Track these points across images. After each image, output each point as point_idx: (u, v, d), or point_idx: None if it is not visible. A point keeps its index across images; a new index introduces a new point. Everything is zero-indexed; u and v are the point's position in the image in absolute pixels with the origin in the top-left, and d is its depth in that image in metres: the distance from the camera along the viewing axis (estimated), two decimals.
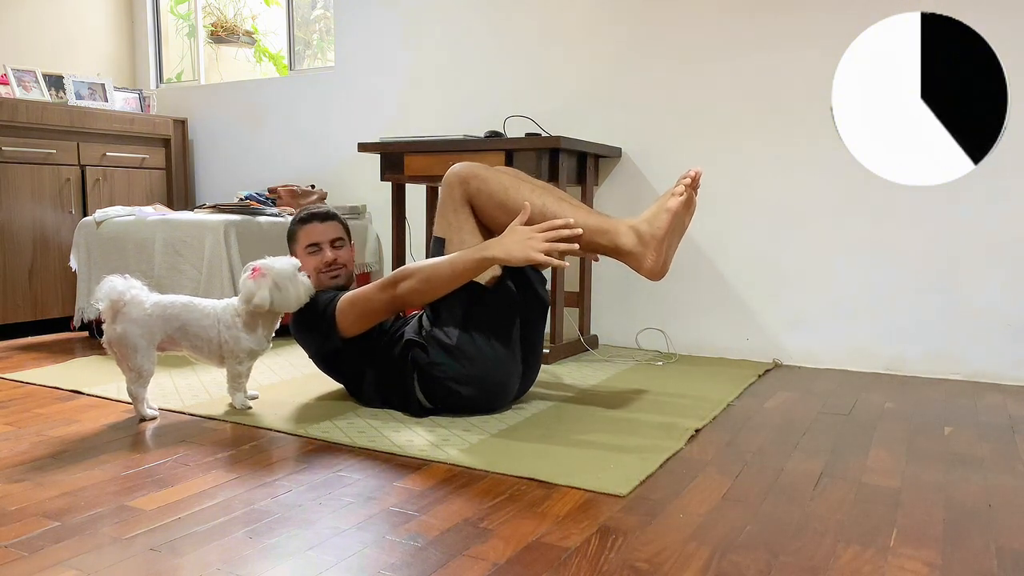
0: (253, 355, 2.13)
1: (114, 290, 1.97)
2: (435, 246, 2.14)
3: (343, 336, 2.11)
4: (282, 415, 2.09)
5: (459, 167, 2.14)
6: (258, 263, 2.09)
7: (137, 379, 2.01)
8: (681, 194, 1.96)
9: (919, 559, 1.27)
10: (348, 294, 2.11)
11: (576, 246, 1.96)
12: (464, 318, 2.04)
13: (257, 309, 2.07)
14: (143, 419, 2.05)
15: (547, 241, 1.93)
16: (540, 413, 2.13)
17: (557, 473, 1.64)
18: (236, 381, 2.13)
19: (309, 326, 2.15)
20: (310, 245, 2.24)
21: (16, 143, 3.32)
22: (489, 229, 2.13)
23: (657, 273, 2.00)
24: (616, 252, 2.02)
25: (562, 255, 2.02)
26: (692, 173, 1.98)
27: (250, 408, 2.14)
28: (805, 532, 1.37)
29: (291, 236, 2.29)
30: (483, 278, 2.06)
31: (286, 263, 2.09)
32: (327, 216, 2.28)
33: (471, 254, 1.98)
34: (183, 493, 1.54)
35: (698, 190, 2.04)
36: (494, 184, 2.09)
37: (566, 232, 1.94)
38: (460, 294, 2.04)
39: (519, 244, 1.93)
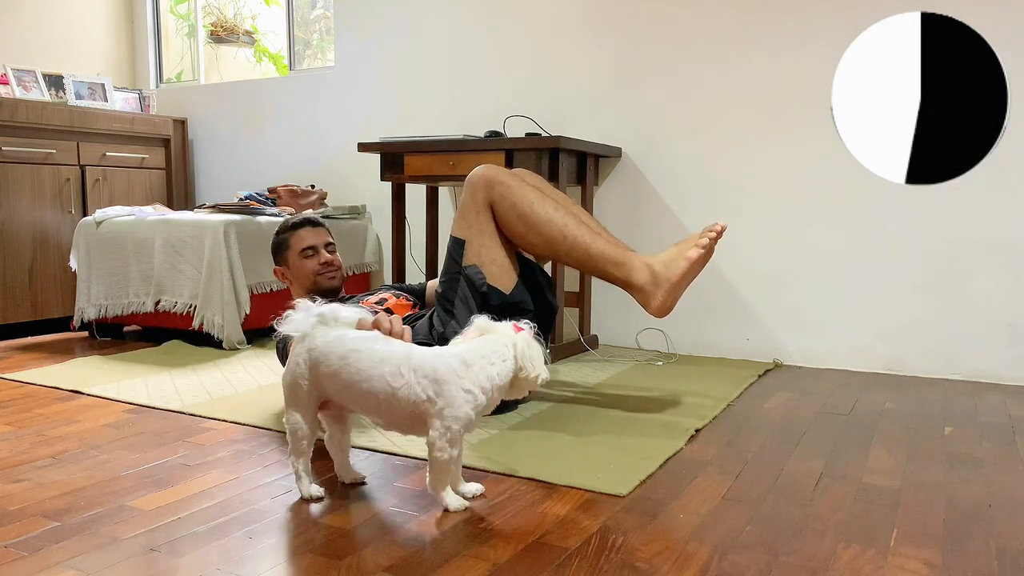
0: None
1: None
2: (454, 246, 2.11)
3: None
4: (282, 415, 2.08)
5: (485, 169, 2.09)
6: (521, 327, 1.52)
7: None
8: (704, 247, 1.95)
9: (919, 559, 1.27)
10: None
11: None
12: None
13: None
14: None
15: None
16: (540, 413, 2.13)
17: (557, 473, 1.64)
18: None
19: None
20: (306, 249, 2.25)
21: (16, 143, 3.32)
22: (505, 236, 2.10)
23: (663, 312, 2.00)
24: (627, 285, 2.02)
25: None
26: (718, 228, 1.96)
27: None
28: (805, 532, 1.37)
29: (281, 244, 2.28)
30: (500, 282, 2.05)
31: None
32: (317, 222, 2.32)
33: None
34: (183, 493, 1.54)
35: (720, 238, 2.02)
36: (518, 195, 2.05)
37: None
38: (473, 296, 2.04)
39: None
